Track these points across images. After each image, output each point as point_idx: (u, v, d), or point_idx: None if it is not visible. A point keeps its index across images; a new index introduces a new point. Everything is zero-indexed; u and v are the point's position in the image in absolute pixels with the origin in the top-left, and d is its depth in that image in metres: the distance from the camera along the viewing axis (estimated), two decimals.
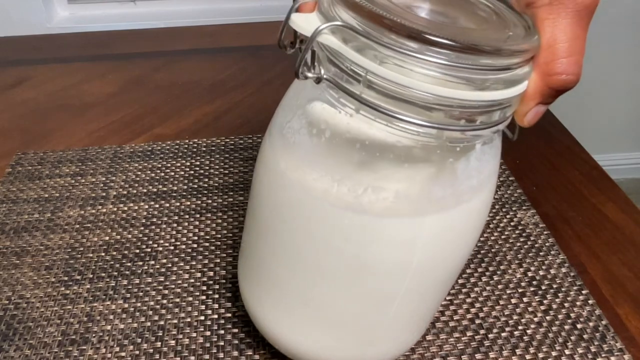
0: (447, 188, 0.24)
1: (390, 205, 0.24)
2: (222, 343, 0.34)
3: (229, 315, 0.36)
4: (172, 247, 0.41)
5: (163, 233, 0.42)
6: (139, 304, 0.36)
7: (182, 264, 0.39)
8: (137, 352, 0.33)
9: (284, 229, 0.27)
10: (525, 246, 0.41)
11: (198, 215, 0.44)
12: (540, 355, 0.33)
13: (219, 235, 0.42)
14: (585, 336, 0.34)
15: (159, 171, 0.48)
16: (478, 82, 0.21)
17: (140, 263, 0.39)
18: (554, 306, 0.36)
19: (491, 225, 0.42)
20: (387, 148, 0.23)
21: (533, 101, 0.23)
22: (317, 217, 0.25)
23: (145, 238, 0.42)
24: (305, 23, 0.22)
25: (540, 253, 0.40)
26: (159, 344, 0.34)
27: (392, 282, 0.26)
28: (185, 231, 0.42)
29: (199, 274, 0.38)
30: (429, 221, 0.24)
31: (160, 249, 0.41)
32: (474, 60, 0.20)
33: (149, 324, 0.35)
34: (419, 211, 0.24)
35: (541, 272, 0.38)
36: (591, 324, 0.35)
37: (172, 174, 0.48)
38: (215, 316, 0.36)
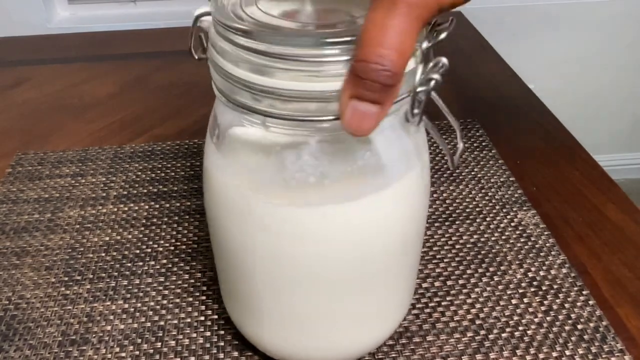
0: (276, 177, 0.25)
1: (264, 195, 0.25)
2: (222, 343, 0.34)
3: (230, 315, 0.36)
4: (172, 248, 0.41)
5: (163, 233, 0.42)
6: (139, 305, 0.36)
7: (182, 265, 0.39)
8: (137, 352, 0.33)
9: (214, 226, 0.29)
10: (526, 247, 0.41)
11: (198, 216, 0.43)
12: (541, 356, 0.33)
13: None
14: (585, 337, 0.34)
15: (159, 171, 0.48)
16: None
17: (141, 263, 0.39)
18: (555, 307, 0.36)
19: (491, 226, 0.42)
20: (243, 137, 0.26)
21: (344, 93, 0.20)
22: (228, 212, 0.27)
23: (146, 238, 0.41)
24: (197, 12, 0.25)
25: (541, 254, 0.40)
26: (159, 344, 0.34)
27: (292, 272, 0.27)
28: (186, 231, 0.42)
29: (199, 274, 0.38)
30: (286, 211, 0.25)
31: (161, 249, 0.41)
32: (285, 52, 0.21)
33: (149, 324, 0.35)
34: (275, 200, 0.25)
35: (542, 273, 0.38)
36: (592, 324, 0.35)
37: (173, 174, 0.48)
38: (215, 316, 0.35)
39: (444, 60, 0.23)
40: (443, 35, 0.23)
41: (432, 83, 0.22)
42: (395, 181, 0.26)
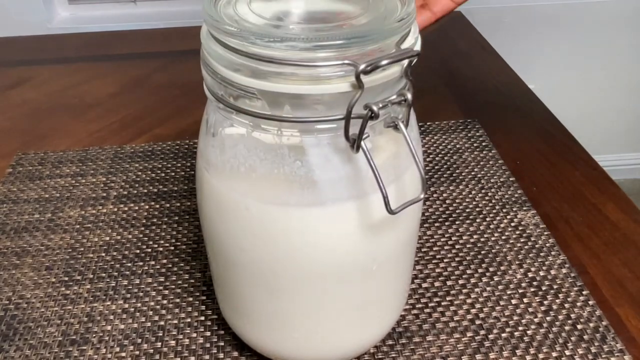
0: (265, 177, 0.25)
1: (254, 195, 0.26)
2: (222, 343, 0.34)
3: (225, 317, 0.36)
4: (172, 248, 0.41)
5: (163, 233, 0.42)
6: (139, 304, 0.36)
7: (182, 264, 0.39)
8: (137, 352, 0.33)
9: (206, 225, 0.29)
10: (526, 247, 0.41)
11: (198, 216, 0.43)
12: (541, 356, 0.33)
13: None
14: (585, 337, 0.34)
15: (159, 171, 0.48)
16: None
17: (141, 263, 0.39)
18: (554, 307, 0.36)
19: (491, 226, 0.42)
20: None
21: None
22: (220, 212, 0.27)
23: (146, 238, 0.42)
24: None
25: (541, 254, 0.40)
26: (159, 344, 0.34)
27: (283, 272, 0.27)
28: (186, 231, 0.42)
29: (199, 274, 0.38)
30: (276, 210, 0.25)
31: (161, 249, 0.41)
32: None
33: (149, 324, 0.35)
34: (264, 199, 0.25)
35: (541, 273, 0.38)
36: (591, 324, 0.35)
37: (173, 174, 0.48)
38: (215, 316, 0.36)
39: (408, 95, 0.23)
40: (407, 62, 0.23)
41: (368, 113, 0.21)
42: (331, 202, 0.25)
